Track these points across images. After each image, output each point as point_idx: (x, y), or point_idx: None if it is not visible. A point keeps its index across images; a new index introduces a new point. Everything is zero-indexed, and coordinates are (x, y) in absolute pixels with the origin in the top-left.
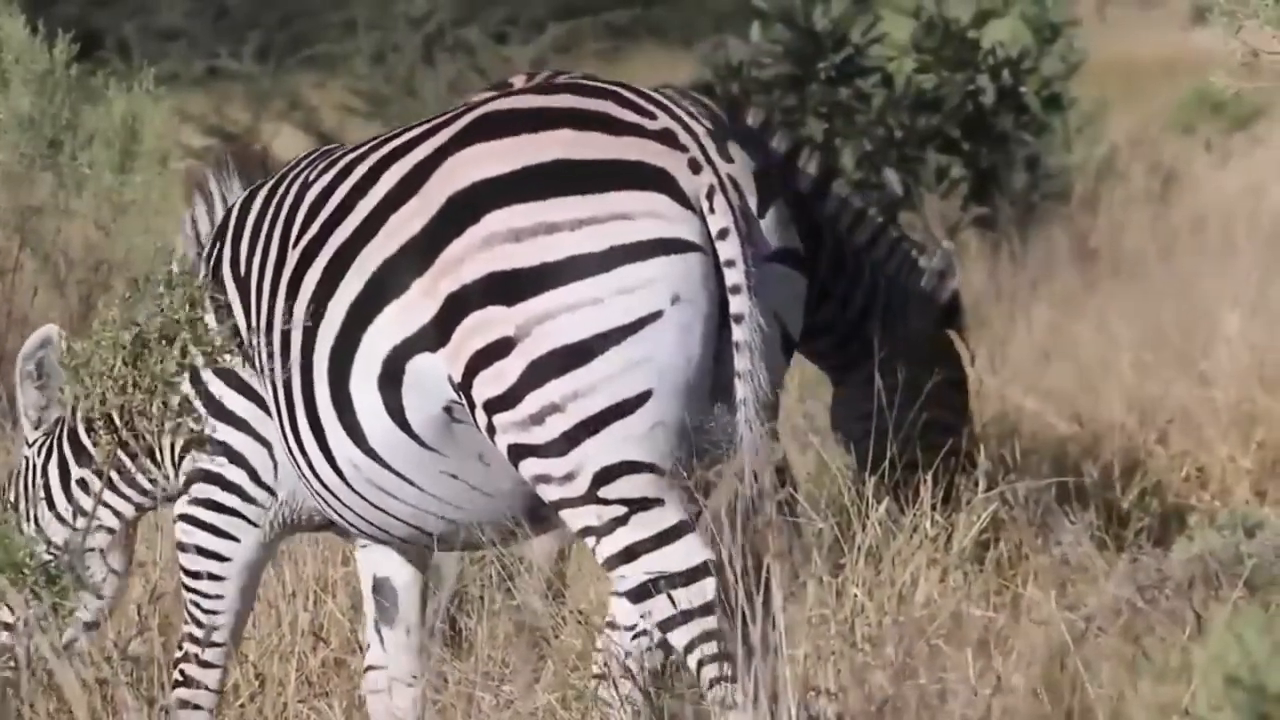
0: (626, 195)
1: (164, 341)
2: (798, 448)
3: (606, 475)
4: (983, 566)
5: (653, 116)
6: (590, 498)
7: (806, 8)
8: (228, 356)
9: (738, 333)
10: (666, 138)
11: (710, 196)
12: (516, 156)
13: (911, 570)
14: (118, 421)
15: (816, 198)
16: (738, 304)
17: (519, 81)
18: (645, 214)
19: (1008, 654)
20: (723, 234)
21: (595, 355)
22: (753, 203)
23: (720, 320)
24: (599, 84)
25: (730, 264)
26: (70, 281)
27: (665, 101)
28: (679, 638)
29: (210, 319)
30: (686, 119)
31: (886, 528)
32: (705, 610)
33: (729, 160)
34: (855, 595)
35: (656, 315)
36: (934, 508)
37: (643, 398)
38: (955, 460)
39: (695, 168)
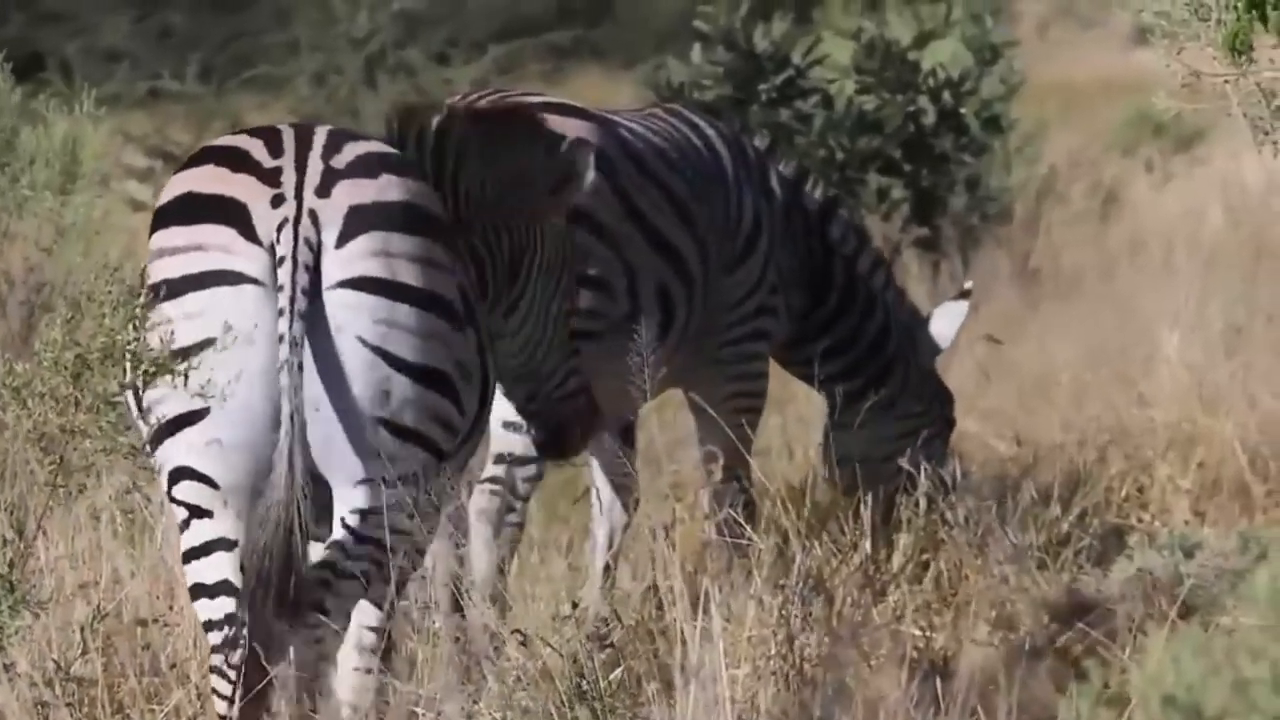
0: (208, 229)
1: (106, 361)
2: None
3: (174, 477)
4: (922, 586)
5: (280, 154)
6: (171, 496)
7: (747, 29)
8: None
9: (280, 351)
10: (269, 175)
11: (280, 229)
12: (176, 186)
13: (852, 590)
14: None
15: (822, 223)
16: (280, 325)
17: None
18: (216, 247)
19: (946, 674)
20: (280, 261)
21: (170, 369)
22: (331, 234)
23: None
24: (279, 126)
25: (280, 289)
26: (12, 303)
27: (311, 138)
28: (210, 638)
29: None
30: (314, 157)
31: (827, 548)
32: (220, 624)
33: (325, 196)
34: (795, 615)
35: (211, 341)
36: (874, 528)
37: (200, 414)
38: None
39: (276, 202)
